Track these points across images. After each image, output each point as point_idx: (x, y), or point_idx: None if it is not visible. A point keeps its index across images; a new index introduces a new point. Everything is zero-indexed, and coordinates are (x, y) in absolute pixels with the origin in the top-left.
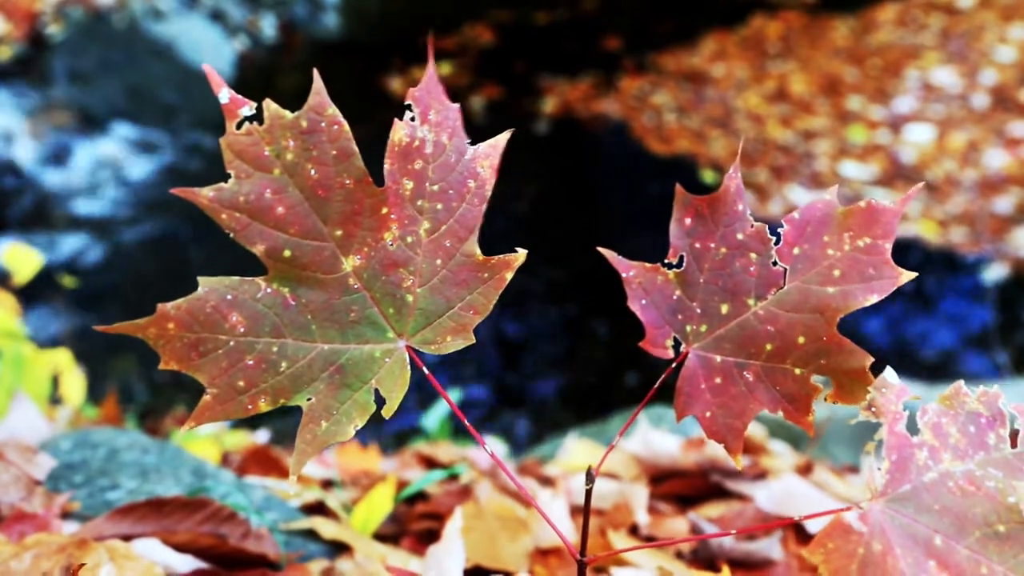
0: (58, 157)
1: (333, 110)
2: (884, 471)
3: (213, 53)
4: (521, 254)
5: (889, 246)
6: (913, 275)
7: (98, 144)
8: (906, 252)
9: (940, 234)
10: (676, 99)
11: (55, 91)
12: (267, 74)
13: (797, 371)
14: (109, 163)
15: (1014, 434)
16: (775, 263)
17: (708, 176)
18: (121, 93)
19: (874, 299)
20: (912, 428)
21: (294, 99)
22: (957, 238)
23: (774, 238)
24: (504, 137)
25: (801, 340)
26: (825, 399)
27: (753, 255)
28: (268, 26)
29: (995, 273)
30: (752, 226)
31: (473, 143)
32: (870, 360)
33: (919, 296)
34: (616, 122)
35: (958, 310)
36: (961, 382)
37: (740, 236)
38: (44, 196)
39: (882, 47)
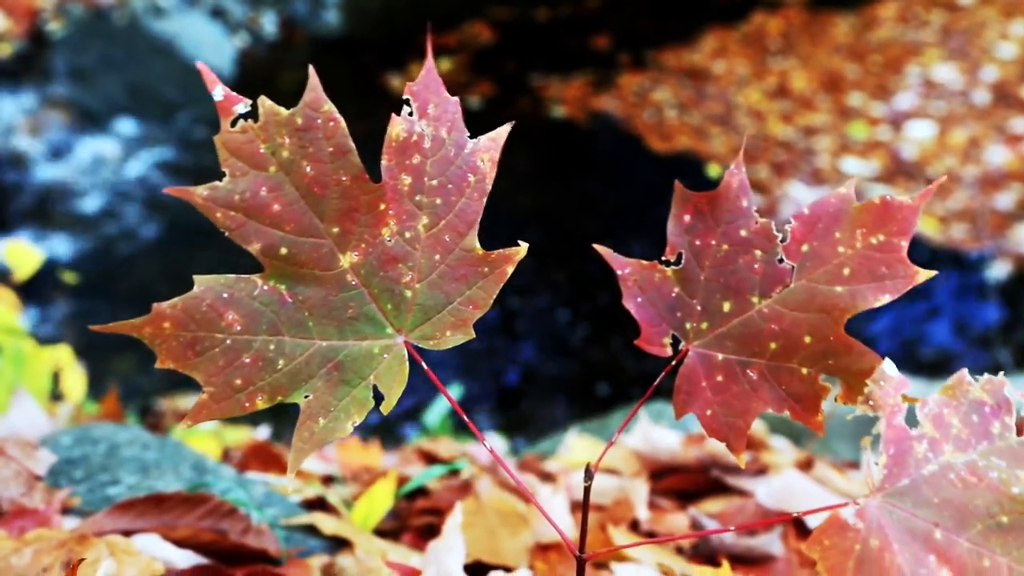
0: (59, 154)
1: (329, 106)
2: (882, 465)
3: (214, 50)
4: (522, 248)
5: (905, 244)
6: (931, 273)
7: (99, 141)
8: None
9: (941, 230)
10: (677, 96)
11: (55, 88)
12: (268, 71)
13: (803, 370)
14: (110, 160)
15: (1021, 422)
16: (781, 260)
17: (714, 171)
18: (122, 90)
19: (886, 299)
20: (912, 421)
21: (295, 96)
22: (958, 234)
23: (780, 235)
24: (504, 130)
25: (807, 340)
26: (835, 399)
27: (758, 252)
28: (269, 23)
29: (998, 271)
30: (757, 222)
31: (473, 137)
32: (879, 361)
33: (920, 292)
34: (617, 119)
35: (959, 307)
36: (965, 371)
37: (744, 233)
38: (45, 193)
39: (883, 43)
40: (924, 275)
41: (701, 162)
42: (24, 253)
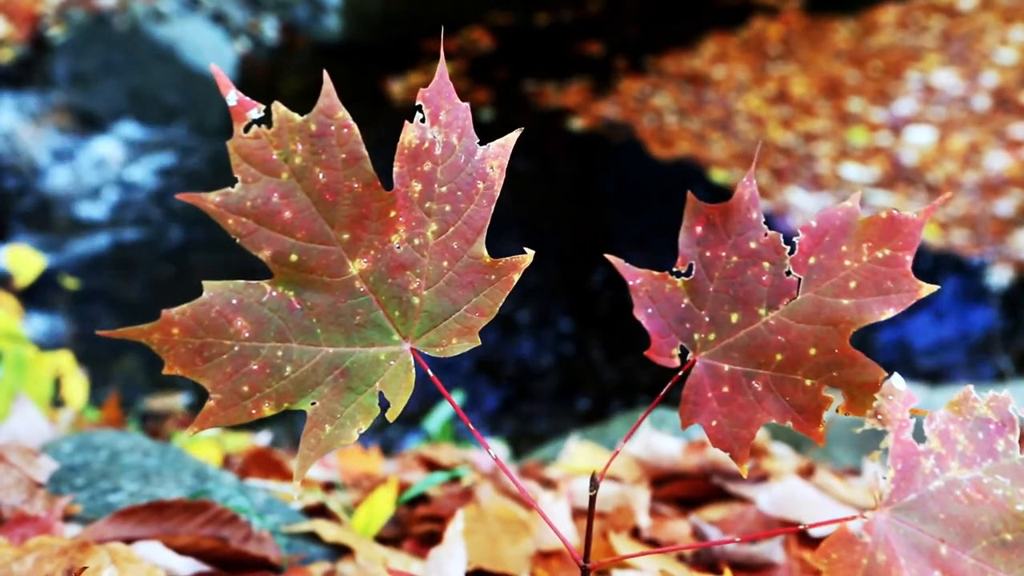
0: (60, 159)
1: (343, 113)
2: (889, 480)
3: (214, 55)
4: (528, 255)
5: (910, 258)
6: (934, 288)
7: (100, 146)
8: None
9: (941, 236)
10: (677, 101)
11: (57, 93)
12: (268, 76)
13: (808, 382)
14: (111, 165)
15: None
16: (789, 273)
17: (718, 176)
18: (122, 95)
19: (891, 313)
20: (919, 436)
21: (295, 101)
22: (959, 240)
23: (788, 247)
24: (513, 137)
25: (812, 352)
26: (837, 411)
27: (766, 264)
28: (269, 28)
29: (999, 277)
30: (766, 235)
31: (481, 143)
32: (883, 374)
33: (921, 298)
34: (617, 124)
35: (960, 313)
36: (970, 387)
37: (753, 245)
38: (46, 198)
39: (883, 49)
40: (928, 289)
41: (701, 168)
42: (25, 258)
